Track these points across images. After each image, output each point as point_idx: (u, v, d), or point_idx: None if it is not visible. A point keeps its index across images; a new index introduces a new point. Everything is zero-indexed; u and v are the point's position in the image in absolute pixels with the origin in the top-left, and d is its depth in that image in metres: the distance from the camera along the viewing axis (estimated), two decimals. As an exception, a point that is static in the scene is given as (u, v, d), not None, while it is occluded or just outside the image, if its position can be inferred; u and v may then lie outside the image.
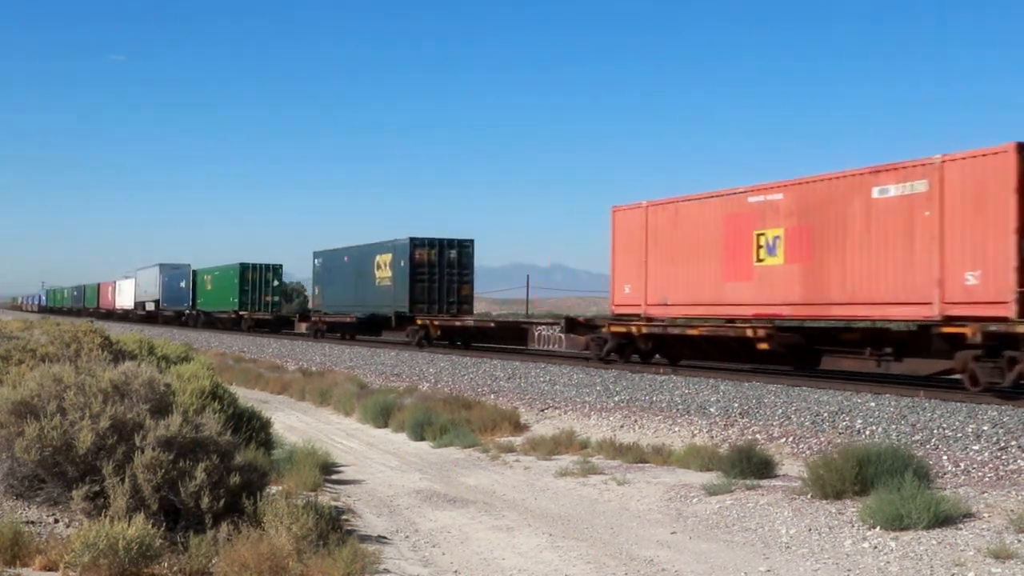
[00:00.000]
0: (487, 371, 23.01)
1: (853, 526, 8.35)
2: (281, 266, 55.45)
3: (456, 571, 7.61)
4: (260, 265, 54.26)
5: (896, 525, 7.98)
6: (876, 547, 7.78)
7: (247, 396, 17.00)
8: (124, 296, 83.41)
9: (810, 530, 8.46)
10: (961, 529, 7.89)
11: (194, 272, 63.63)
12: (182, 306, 65.44)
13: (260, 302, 53.50)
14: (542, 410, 17.02)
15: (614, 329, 22.87)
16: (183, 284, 64.98)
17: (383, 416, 17.28)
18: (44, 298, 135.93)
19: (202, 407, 8.82)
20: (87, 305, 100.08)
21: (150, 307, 74.15)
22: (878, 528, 8.11)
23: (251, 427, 10.74)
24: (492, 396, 18.94)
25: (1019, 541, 7.42)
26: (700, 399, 16.06)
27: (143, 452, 7.07)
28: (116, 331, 29.42)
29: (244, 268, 53.62)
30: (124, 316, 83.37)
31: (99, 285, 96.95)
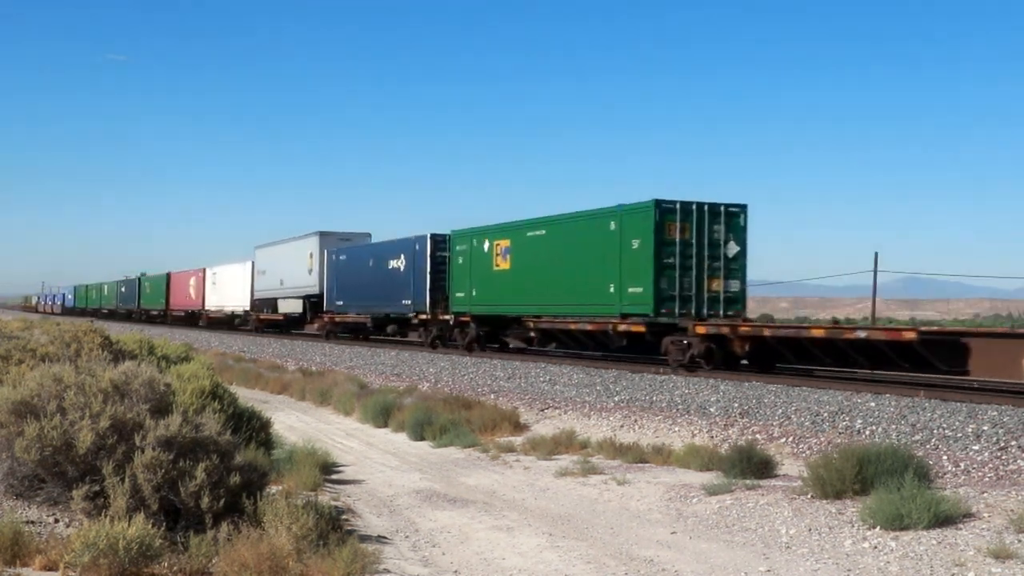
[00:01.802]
0: (487, 371, 23.02)
1: (853, 526, 8.35)
2: (744, 208, 22.98)
3: (456, 571, 7.61)
4: (699, 206, 22.44)
5: (896, 525, 7.98)
6: (876, 547, 7.79)
7: (247, 396, 17.01)
8: (226, 292, 54.50)
9: (810, 530, 8.46)
10: (961, 529, 7.89)
11: (445, 238, 31.56)
12: (390, 305, 34.14)
13: (705, 295, 22.34)
14: (542, 410, 17.02)
15: None
16: (394, 264, 33.95)
17: (383, 416, 17.28)
18: (71, 297, 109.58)
19: (202, 407, 8.83)
20: (145, 305, 73.96)
21: (291, 307, 44.62)
22: (878, 528, 8.11)
23: (251, 427, 10.75)
24: (492, 396, 18.94)
25: (1019, 541, 7.42)
26: (700, 399, 16.06)
27: (143, 452, 7.07)
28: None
29: (666, 212, 22.08)
30: (226, 322, 56.25)
31: (169, 276, 68.13)
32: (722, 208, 22.62)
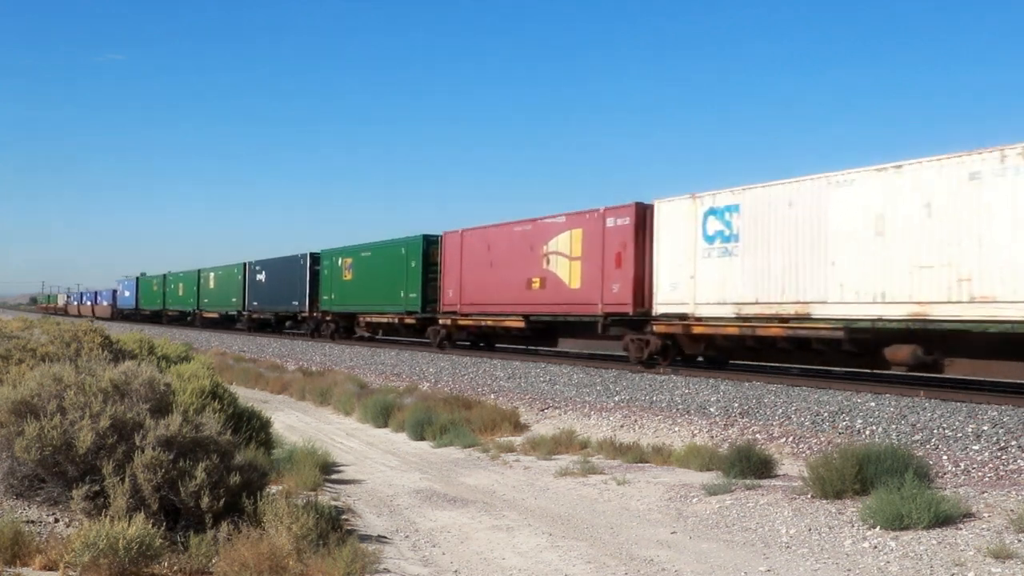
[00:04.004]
0: (487, 371, 23.03)
1: (853, 526, 8.36)
2: None
3: (456, 571, 7.62)
4: None
5: (896, 525, 7.98)
6: (876, 547, 7.79)
7: (247, 396, 17.03)
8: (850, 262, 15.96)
9: (810, 530, 8.46)
10: (961, 529, 7.89)
11: None
12: None
13: None
14: (542, 410, 17.03)
15: None
16: None
17: (383, 416, 17.30)
18: (129, 294, 74.07)
19: (202, 407, 8.84)
20: (333, 305, 38.57)
21: None
22: (878, 528, 8.11)
23: (251, 427, 10.77)
24: (492, 396, 18.95)
25: (1019, 541, 7.42)
26: (700, 399, 16.06)
27: (143, 452, 7.07)
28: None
29: None
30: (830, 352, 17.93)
31: (443, 241, 30.24)
32: None
